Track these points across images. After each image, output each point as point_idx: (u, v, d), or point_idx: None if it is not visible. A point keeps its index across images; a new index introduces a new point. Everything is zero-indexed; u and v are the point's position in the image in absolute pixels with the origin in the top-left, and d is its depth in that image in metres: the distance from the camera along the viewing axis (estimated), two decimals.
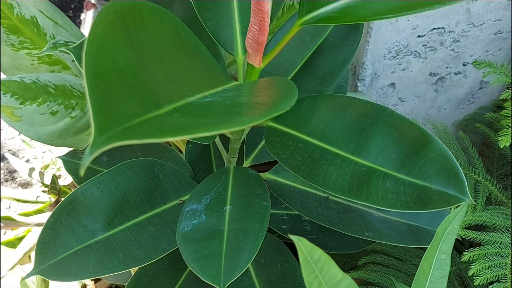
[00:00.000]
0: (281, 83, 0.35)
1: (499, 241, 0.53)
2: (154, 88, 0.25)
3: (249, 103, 0.30)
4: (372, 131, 0.41)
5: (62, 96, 0.62)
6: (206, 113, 0.27)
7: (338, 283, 0.33)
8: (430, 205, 0.37)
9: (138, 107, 0.21)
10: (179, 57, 0.31)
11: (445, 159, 0.38)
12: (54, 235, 0.44)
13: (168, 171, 0.55)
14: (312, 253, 0.32)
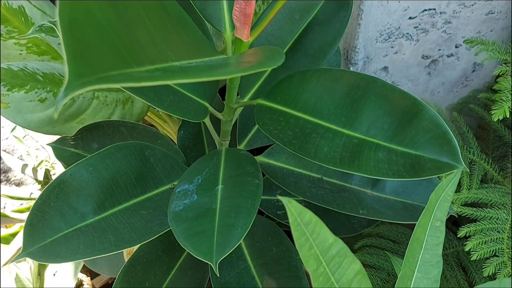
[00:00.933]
0: (268, 48, 0.34)
1: (496, 216, 0.53)
2: (136, 49, 0.24)
3: (235, 63, 0.30)
4: (363, 103, 0.40)
5: (50, 83, 0.61)
6: (189, 71, 0.26)
7: (330, 247, 0.33)
8: (423, 173, 0.36)
9: (116, 61, 0.20)
10: (164, 25, 0.31)
11: (437, 126, 0.37)
12: (43, 217, 0.43)
13: (159, 155, 0.54)
14: (302, 215, 0.32)
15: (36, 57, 0.71)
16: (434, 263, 0.35)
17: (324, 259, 0.32)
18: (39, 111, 0.58)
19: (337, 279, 0.33)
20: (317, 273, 0.32)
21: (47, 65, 0.65)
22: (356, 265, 0.33)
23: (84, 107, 0.64)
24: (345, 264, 0.33)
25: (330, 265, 0.33)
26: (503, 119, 0.81)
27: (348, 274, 0.33)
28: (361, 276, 0.33)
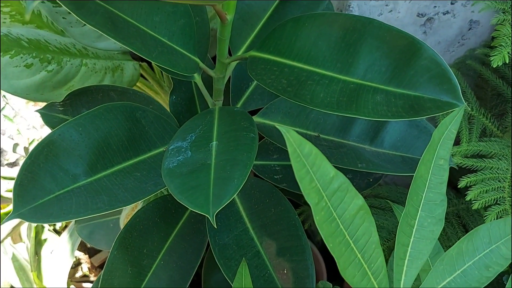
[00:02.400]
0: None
1: (496, 166, 0.52)
2: None
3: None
4: (359, 46, 0.39)
5: (36, 49, 0.59)
6: None
7: (331, 181, 0.31)
8: (423, 112, 0.35)
9: None
10: None
11: (437, 65, 0.36)
12: (33, 178, 0.41)
13: (151, 117, 0.53)
14: (302, 147, 0.30)
15: (20, 26, 0.68)
16: (438, 201, 0.34)
17: (326, 193, 0.31)
18: (26, 77, 0.56)
19: (339, 214, 0.32)
20: (319, 207, 0.31)
21: (32, 32, 0.63)
22: (359, 200, 0.32)
23: (72, 74, 0.63)
24: (347, 199, 0.32)
25: (331, 200, 0.31)
26: (501, 76, 0.79)
27: (350, 209, 0.32)
28: (364, 211, 0.32)
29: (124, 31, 0.38)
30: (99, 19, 0.36)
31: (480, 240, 0.34)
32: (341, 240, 0.32)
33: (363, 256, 0.32)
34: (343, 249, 0.32)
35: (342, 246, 0.32)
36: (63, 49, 0.64)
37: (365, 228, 0.32)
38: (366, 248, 0.32)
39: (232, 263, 0.52)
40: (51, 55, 0.61)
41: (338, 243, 0.31)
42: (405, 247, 0.34)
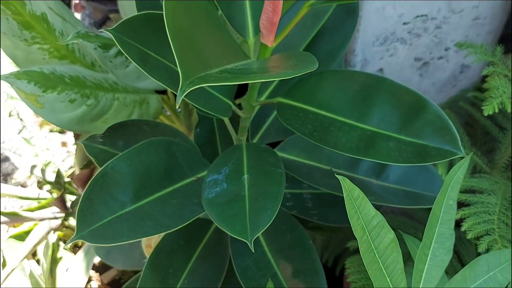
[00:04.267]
0: (299, 54, 0.40)
1: (486, 201, 0.59)
2: (206, 53, 0.29)
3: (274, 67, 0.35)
4: (374, 99, 0.46)
5: (77, 86, 0.66)
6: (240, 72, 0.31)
7: (372, 219, 0.39)
8: (429, 159, 0.42)
9: (202, 66, 0.26)
10: (212, 31, 0.36)
11: (440, 119, 0.43)
12: (90, 205, 0.47)
13: (183, 149, 0.59)
14: (353, 191, 0.38)
15: (57, 61, 0.75)
16: (447, 235, 0.41)
17: (367, 229, 0.38)
18: (70, 111, 0.63)
19: (376, 246, 0.39)
20: (362, 240, 0.38)
21: (71, 68, 0.70)
22: (391, 234, 0.39)
23: (107, 108, 0.69)
24: (382, 234, 0.39)
25: (371, 234, 0.38)
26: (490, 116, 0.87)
27: (384, 242, 0.39)
28: (394, 244, 0.39)
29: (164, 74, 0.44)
30: (162, 73, 0.43)
31: (480, 268, 0.41)
32: (376, 267, 0.38)
33: (391, 280, 0.39)
34: (378, 274, 0.38)
35: (377, 271, 0.38)
36: (98, 84, 0.70)
37: (394, 258, 0.39)
38: (393, 273, 0.39)
39: (253, 283, 0.58)
40: (89, 90, 0.67)
41: (374, 269, 0.38)
42: (421, 272, 0.41)
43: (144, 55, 0.43)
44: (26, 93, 0.57)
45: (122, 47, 0.40)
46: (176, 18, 0.26)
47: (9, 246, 0.97)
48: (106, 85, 0.72)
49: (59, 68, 0.66)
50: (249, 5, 0.50)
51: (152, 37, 0.44)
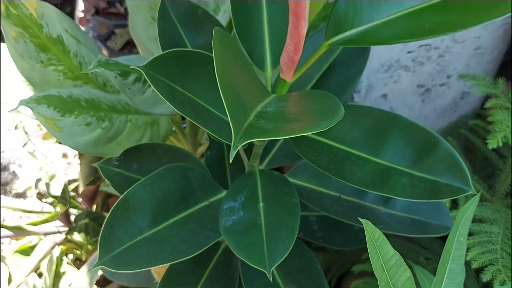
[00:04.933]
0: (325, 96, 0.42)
1: (489, 230, 0.61)
2: (241, 93, 0.31)
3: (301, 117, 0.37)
4: (388, 135, 0.48)
5: (92, 109, 0.67)
6: (276, 119, 0.33)
7: (390, 258, 0.40)
8: (441, 195, 0.44)
9: (243, 115, 0.28)
10: (242, 72, 0.38)
11: (452, 157, 0.45)
12: (112, 231, 0.49)
13: (197, 175, 0.61)
14: (374, 233, 0.40)
15: (71, 82, 0.76)
16: (458, 271, 0.43)
17: (386, 268, 0.40)
18: (86, 135, 0.64)
19: (393, 283, 0.40)
20: (382, 279, 0.40)
21: (86, 91, 0.71)
22: (408, 273, 0.41)
23: (120, 130, 0.71)
24: (400, 272, 0.41)
25: (390, 272, 0.40)
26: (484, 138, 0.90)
27: (401, 280, 0.41)
28: (410, 281, 0.41)
29: (203, 116, 0.46)
30: (188, 108, 0.44)
31: None
32: None
33: None
34: None
35: None
36: (111, 106, 0.72)
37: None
38: None
39: None
40: (103, 113, 0.69)
41: None
42: None
43: (171, 90, 0.45)
44: (45, 117, 0.59)
45: (152, 83, 0.42)
46: (224, 67, 0.28)
47: (15, 261, 0.97)
48: (119, 107, 0.74)
49: (75, 91, 0.67)
50: (268, 42, 0.52)
51: (178, 72, 0.45)
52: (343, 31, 0.46)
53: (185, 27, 0.56)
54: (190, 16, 0.57)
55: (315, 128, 0.31)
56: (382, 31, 0.44)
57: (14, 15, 0.67)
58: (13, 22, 0.67)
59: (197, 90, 0.48)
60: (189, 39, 0.57)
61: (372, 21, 0.45)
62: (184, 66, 0.46)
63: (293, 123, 0.32)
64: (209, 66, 0.49)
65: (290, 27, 0.45)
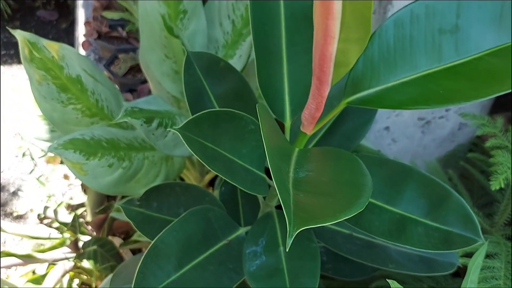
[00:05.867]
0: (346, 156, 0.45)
1: (492, 265, 0.65)
2: (280, 164, 0.35)
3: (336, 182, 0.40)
4: (402, 185, 0.52)
5: (113, 149, 0.70)
6: (313, 191, 0.36)
7: None
8: (454, 246, 0.48)
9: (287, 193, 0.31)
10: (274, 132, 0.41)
11: (463, 209, 0.49)
12: (143, 278, 0.52)
13: (218, 215, 0.64)
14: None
15: (88, 119, 0.79)
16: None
17: None
18: (108, 176, 0.67)
19: None
20: None
21: (106, 130, 0.74)
22: None
23: (139, 168, 0.73)
24: None
25: None
26: (482, 171, 0.94)
27: None
28: None
29: (230, 169, 0.49)
30: (218, 164, 0.47)
31: None
32: None
33: None
34: None
35: None
36: (129, 144, 0.75)
37: None
38: None
39: None
40: (123, 152, 0.72)
41: None
42: None
43: (203, 147, 0.48)
44: (72, 162, 0.61)
45: (187, 143, 0.45)
46: (270, 144, 0.31)
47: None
48: (137, 144, 0.76)
49: (96, 132, 0.70)
50: (288, 96, 0.55)
51: (209, 130, 0.49)
52: (360, 90, 0.49)
53: (208, 77, 0.59)
54: (212, 67, 0.60)
55: (354, 209, 0.34)
56: (397, 93, 0.47)
57: (38, 59, 0.70)
58: (36, 65, 0.70)
59: (225, 144, 0.51)
60: (212, 89, 0.60)
61: (388, 83, 0.48)
62: (214, 124, 0.49)
63: (329, 198, 0.35)
64: (234, 122, 0.53)
65: (313, 89, 0.48)
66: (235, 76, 0.61)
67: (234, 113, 0.51)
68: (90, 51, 1.65)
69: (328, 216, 0.32)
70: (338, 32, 0.42)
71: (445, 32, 0.48)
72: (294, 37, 0.53)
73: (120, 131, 0.77)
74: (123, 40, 1.57)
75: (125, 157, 0.71)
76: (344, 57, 0.44)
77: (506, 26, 0.47)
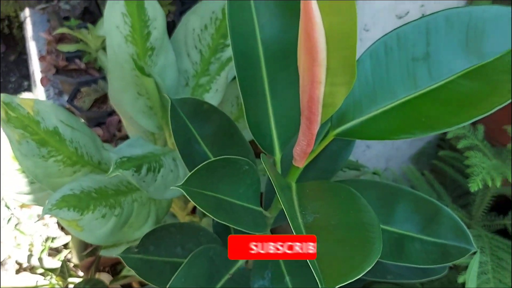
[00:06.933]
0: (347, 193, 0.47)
1: (480, 261, 0.69)
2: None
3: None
4: (394, 205, 0.55)
5: (103, 198, 0.70)
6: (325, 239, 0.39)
7: None
8: (451, 258, 0.51)
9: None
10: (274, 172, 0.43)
11: (453, 221, 0.53)
12: None
13: (217, 252, 0.65)
14: None
15: (70, 169, 0.78)
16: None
17: None
18: (103, 226, 0.67)
19: None
20: None
21: (92, 180, 0.74)
22: None
23: (130, 212, 0.74)
24: None
25: None
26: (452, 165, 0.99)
27: None
28: None
29: (232, 213, 0.51)
30: (222, 213, 0.49)
31: None
32: None
33: None
34: None
35: None
36: (117, 189, 0.75)
37: None
38: None
39: None
40: (113, 199, 0.72)
41: None
42: None
43: (205, 198, 0.49)
44: (68, 220, 0.61)
45: (190, 197, 0.46)
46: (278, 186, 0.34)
47: None
48: (123, 188, 0.76)
49: (84, 183, 0.69)
50: (276, 133, 0.57)
51: (208, 179, 0.50)
52: (345, 122, 0.52)
53: (194, 121, 0.61)
54: (197, 111, 0.61)
55: (374, 257, 0.36)
56: (380, 122, 0.50)
57: (14, 118, 0.69)
58: (14, 125, 0.69)
59: (224, 188, 0.53)
60: (199, 132, 0.61)
61: (370, 112, 0.51)
62: (212, 172, 0.50)
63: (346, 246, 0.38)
64: (230, 166, 0.54)
65: (303, 128, 0.50)
66: (219, 116, 0.63)
67: (229, 159, 0.52)
68: (50, 86, 1.61)
69: (354, 270, 0.34)
70: (324, 77, 0.45)
71: (418, 60, 0.51)
72: (275, 76, 0.55)
73: (102, 176, 0.76)
74: (82, 72, 1.54)
75: (116, 204, 0.71)
76: (332, 99, 0.46)
77: (474, 49, 0.50)
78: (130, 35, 0.82)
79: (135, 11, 0.81)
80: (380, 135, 0.50)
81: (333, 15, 0.39)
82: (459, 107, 0.47)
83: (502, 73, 0.48)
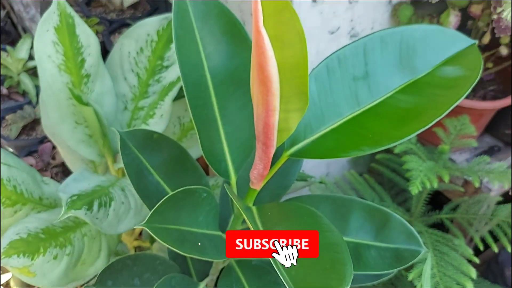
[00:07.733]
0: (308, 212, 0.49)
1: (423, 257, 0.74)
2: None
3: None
4: (348, 216, 0.58)
5: (52, 238, 0.67)
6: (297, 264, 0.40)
7: None
8: (404, 261, 0.55)
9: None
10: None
11: (403, 226, 0.56)
12: None
13: (178, 280, 0.65)
14: None
15: (10, 209, 0.74)
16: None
17: None
18: (56, 267, 0.64)
19: None
20: None
21: (37, 219, 0.70)
22: None
23: (81, 248, 0.71)
24: None
25: None
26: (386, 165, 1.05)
27: None
28: None
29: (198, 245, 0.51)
30: (187, 245, 0.49)
31: None
32: None
33: None
34: None
35: None
36: (65, 226, 0.72)
37: None
38: None
39: None
40: (62, 237, 0.69)
41: None
42: None
43: (168, 232, 0.49)
44: (19, 268, 0.58)
45: (155, 234, 0.46)
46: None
47: None
48: (71, 224, 0.74)
49: (30, 225, 0.66)
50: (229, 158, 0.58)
51: (170, 213, 0.50)
52: (297, 143, 0.54)
53: (145, 152, 0.60)
54: (147, 141, 0.60)
55: (348, 279, 0.38)
56: (329, 140, 0.52)
57: None
58: None
59: (184, 219, 0.53)
60: (150, 162, 0.60)
61: (319, 131, 0.54)
62: (173, 205, 0.50)
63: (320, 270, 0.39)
64: (189, 196, 0.55)
65: (259, 152, 0.52)
66: (169, 143, 0.62)
67: (189, 190, 0.52)
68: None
69: None
70: (278, 105, 0.46)
71: (358, 79, 0.54)
72: (224, 103, 0.56)
73: (50, 215, 0.73)
74: (5, 98, 1.46)
75: (66, 242, 0.68)
76: (286, 124, 0.48)
77: (407, 65, 0.54)
78: (63, 64, 0.79)
79: (67, 39, 0.78)
80: (331, 153, 0.52)
81: (285, 48, 0.41)
82: (401, 121, 0.50)
83: (434, 87, 0.52)
